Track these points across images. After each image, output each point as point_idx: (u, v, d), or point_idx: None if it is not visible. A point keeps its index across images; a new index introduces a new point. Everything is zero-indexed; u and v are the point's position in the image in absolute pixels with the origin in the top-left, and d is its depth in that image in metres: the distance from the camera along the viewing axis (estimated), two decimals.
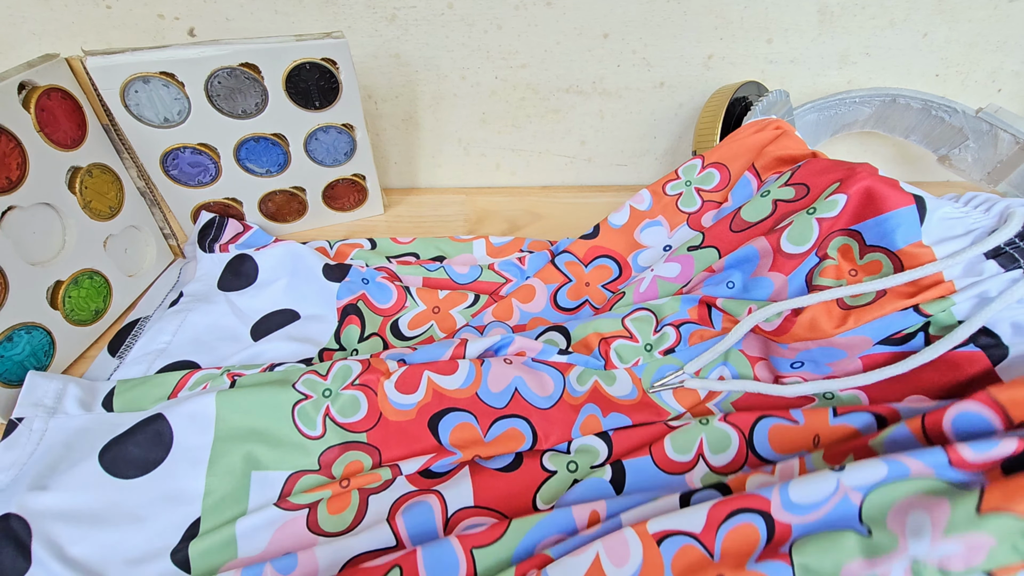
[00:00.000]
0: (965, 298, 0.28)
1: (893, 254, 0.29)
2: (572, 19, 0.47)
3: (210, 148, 0.42)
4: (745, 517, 0.23)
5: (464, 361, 0.32)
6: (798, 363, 0.32)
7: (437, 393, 0.31)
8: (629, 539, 0.23)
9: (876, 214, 0.30)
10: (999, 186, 0.47)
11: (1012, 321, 0.27)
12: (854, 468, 0.22)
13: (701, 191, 0.40)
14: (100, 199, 0.39)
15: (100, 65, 0.36)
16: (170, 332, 0.38)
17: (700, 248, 0.36)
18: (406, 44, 0.48)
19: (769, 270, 0.32)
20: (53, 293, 0.36)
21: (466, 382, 0.31)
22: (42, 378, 0.33)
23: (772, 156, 0.37)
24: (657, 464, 0.29)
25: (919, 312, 0.28)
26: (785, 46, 0.49)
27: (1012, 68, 0.51)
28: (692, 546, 0.22)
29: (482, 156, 0.56)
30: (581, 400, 0.32)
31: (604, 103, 0.52)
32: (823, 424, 0.28)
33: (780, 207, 0.33)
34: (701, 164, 0.41)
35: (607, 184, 0.59)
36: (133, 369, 0.36)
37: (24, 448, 0.30)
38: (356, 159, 0.47)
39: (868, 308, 0.29)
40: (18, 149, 0.33)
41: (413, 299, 0.40)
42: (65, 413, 0.32)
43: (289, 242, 0.44)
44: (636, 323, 0.35)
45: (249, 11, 0.45)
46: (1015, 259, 0.28)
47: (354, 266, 0.42)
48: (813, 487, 0.22)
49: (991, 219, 0.29)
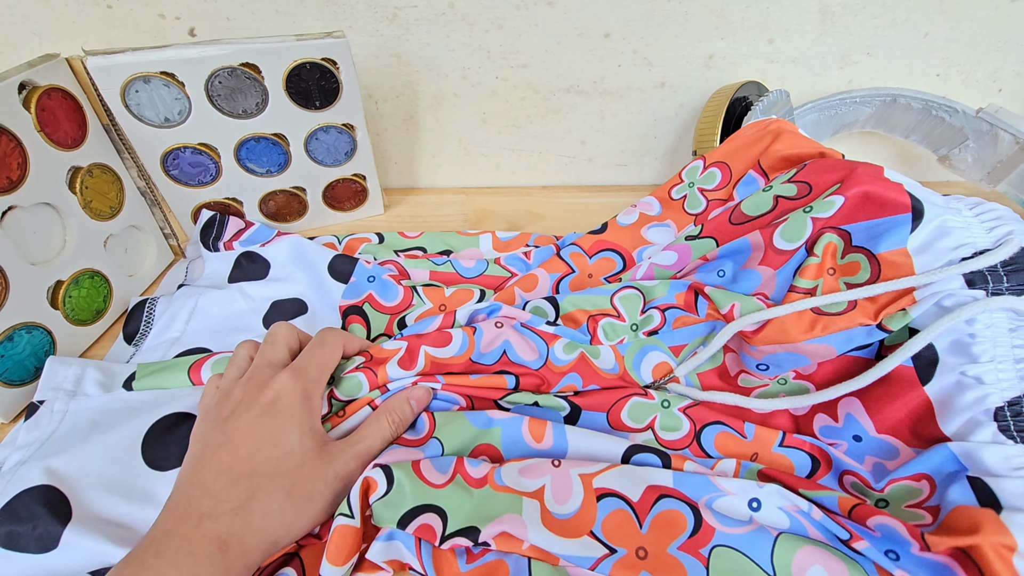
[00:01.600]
0: (922, 309, 0.27)
1: (874, 257, 0.29)
2: (573, 19, 0.47)
3: (210, 148, 0.42)
4: (678, 504, 0.25)
5: (457, 331, 0.33)
6: (763, 365, 0.32)
7: (435, 363, 0.32)
8: (574, 484, 0.26)
9: (870, 218, 0.29)
10: (999, 186, 0.47)
11: (954, 339, 0.27)
12: (766, 512, 0.25)
13: (704, 191, 0.40)
14: (100, 199, 0.39)
15: (100, 65, 0.36)
16: (183, 320, 0.39)
17: (698, 238, 0.37)
18: (407, 44, 0.47)
19: (759, 263, 0.33)
20: (53, 293, 0.36)
21: (460, 350, 0.32)
22: (61, 363, 0.34)
23: (779, 155, 0.37)
24: (610, 423, 0.32)
25: (882, 328, 0.28)
26: (786, 46, 0.49)
27: (1013, 68, 0.51)
28: (625, 512, 0.25)
29: (482, 156, 0.56)
30: (565, 368, 0.33)
31: (605, 103, 0.52)
32: (766, 448, 0.30)
33: (781, 203, 0.34)
34: (703, 165, 0.41)
35: (607, 184, 0.59)
36: (149, 356, 0.37)
37: (46, 428, 0.31)
38: (356, 159, 0.47)
39: (836, 318, 0.29)
40: (18, 149, 0.33)
41: (420, 297, 0.41)
42: (85, 395, 0.33)
43: (294, 236, 0.44)
44: (624, 301, 0.36)
45: (250, 11, 0.45)
46: (985, 280, 0.27)
47: (360, 261, 0.42)
48: (734, 510, 0.25)
49: (987, 239, 0.28)
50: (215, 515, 0.22)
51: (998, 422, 0.25)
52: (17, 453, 0.30)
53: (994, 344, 0.26)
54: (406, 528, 0.25)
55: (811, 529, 0.25)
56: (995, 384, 0.25)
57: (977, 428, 0.25)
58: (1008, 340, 0.26)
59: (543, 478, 0.26)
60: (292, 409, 0.26)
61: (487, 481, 0.26)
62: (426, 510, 0.25)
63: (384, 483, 0.25)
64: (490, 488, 0.26)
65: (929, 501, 0.25)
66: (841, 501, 0.26)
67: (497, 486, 0.26)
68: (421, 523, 0.25)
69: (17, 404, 0.34)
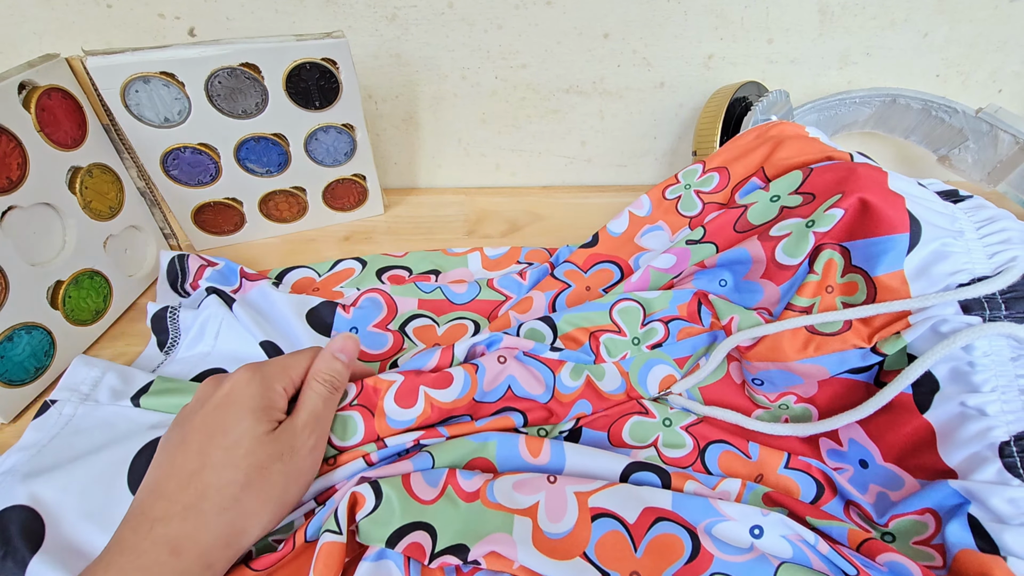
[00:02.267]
0: (916, 334, 0.27)
1: (871, 280, 0.28)
2: (573, 19, 0.47)
3: (210, 148, 0.42)
4: (676, 529, 0.25)
5: (458, 370, 0.31)
6: (758, 380, 0.32)
7: (436, 408, 0.30)
8: (569, 502, 0.25)
9: (868, 235, 0.29)
10: (999, 186, 0.47)
11: (952, 366, 0.27)
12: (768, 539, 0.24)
13: (701, 193, 0.40)
14: (100, 199, 0.39)
15: (100, 65, 0.36)
16: (212, 335, 0.37)
17: (699, 243, 0.36)
18: (406, 44, 0.48)
19: (761, 276, 0.32)
20: (53, 293, 0.36)
21: (463, 391, 0.30)
22: (85, 364, 0.34)
23: (784, 164, 0.36)
24: (611, 442, 0.31)
25: (876, 352, 0.28)
26: (786, 46, 0.49)
27: (1012, 68, 0.51)
28: (620, 534, 0.25)
29: (482, 156, 0.56)
30: (573, 396, 0.33)
31: (604, 103, 0.52)
32: (771, 470, 0.29)
33: (786, 214, 0.33)
34: (702, 169, 0.41)
35: (607, 184, 0.59)
36: (178, 368, 0.36)
37: (49, 431, 0.31)
38: (356, 159, 0.47)
39: (830, 339, 0.29)
40: (18, 149, 0.33)
41: (411, 340, 0.38)
42: (96, 401, 0.32)
43: (262, 286, 0.40)
44: (623, 315, 0.35)
45: (249, 11, 0.45)
46: (981, 307, 0.26)
47: (339, 313, 0.39)
48: (734, 536, 0.24)
49: (986, 266, 0.27)
50: (166, 518, 0.21)
51: (1003, 459, 0.24)
52: (16, 455, 0.30)
53: (995, 373, 0.25)
54: (395, 547, 0.24)
55: (815, 561, 0.24)
56: (999, 416, 0.25)
57: (981, 465, 0.24)
58: (1011, 369, 0.25)
59: (537, 495, 0.26)
60: (244, 398, 0.25)
61: (479, 496, 0.26)
62: (416, 528, 0.24)
63: (372, 499, 0.25)
64: (481, 504, 0.25)
65: (936, 539, 0.25)
66: (851, 534, 0.25)
67: (489, 503, 0.26)
68: (411, 541, 0.24)
69: (17, 404, 0.34)
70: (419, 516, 0.25)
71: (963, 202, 0.31)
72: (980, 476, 0.24)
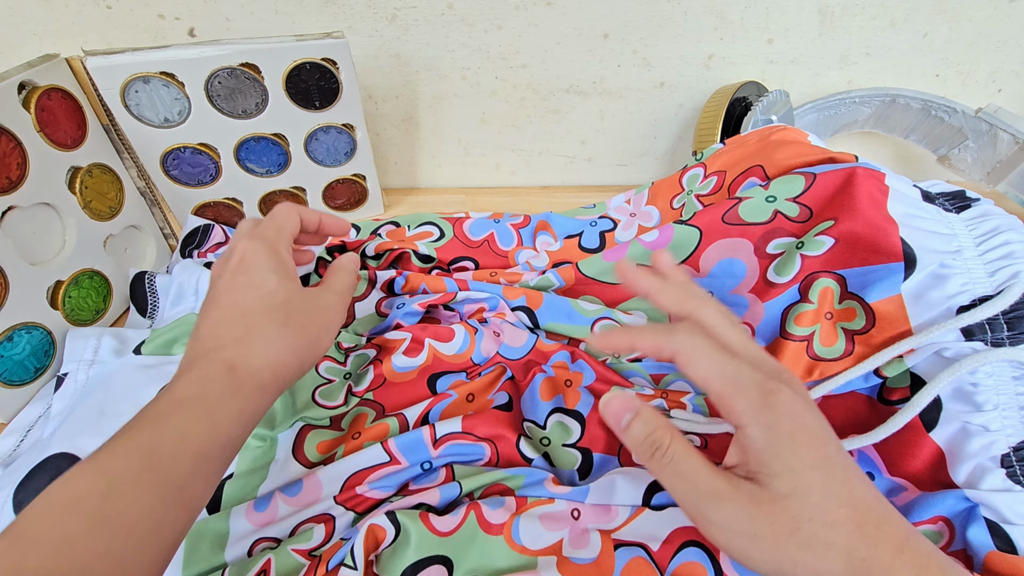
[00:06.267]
0: (918, 359, 0.27)
1: (867, 306, 0.28)
2: (572, 19, 0.47)
3: (210, 148, 0.42)
4: (699, 555, 0.25)
5: (459, 328, 0.35)
6: None
7: (437, 357, 0.34)
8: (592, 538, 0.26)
9: (862, 264, 0.29)
10: (999, 186, 0.47)
11: (956, 387, 0.27)
12: None
13: (700, 197, 0.40)
14: (100, 199, 0.39)
15: (100, 65, 0.36)
16: (191, 294, 0.40)
17: (684, 224, 0.35)
18: (406, 44, 0.48)
19: (749, 291, 0.32)
20: (53, 293, 0.36)
21: (462, 348, 0.35)
22: (79, 336, 0.36)
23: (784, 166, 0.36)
24: (622, 463, 0.31)
25: (877, 374, 0.28)
26: (785, 46, 0.49)
27: (1012, 68, 0.51)
28: (644, 559, 0.25)
29: (482, 156, 0.56)
30: (554, 347, 0.35)
31: (604, 103, 0.52)
32: None
33: (779, 220, 0.32)
34: (703, 173, 0.40)
35: (607, 184, 0.59)
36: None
37: (71, 398, 0.34)
38: (356, 159, 0.47)
39: (832, 364, 0.29)
40: (18, 149, 0.33)
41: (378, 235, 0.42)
42: (102, 362, 0.35)
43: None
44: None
45: (249, 11, 0.45)
46: (984, 331, 0.26)
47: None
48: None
49: (988, 284, 0.27)
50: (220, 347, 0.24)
51: (1005, 468, 0.24)
52: (52, 423, 0.32)
53: (997, 392, 0.26)
54: None
55: None
56: (1000, 431, 0.25)
57: (985, 475, 0.25)
58: (1012, 388, 0.26)
59: (561, 531, 0.26)
60: (260, 259, 0.27)
61: (503, 531, 0.26)
62: (432, 562, 0.24)
63: (392, 531, 0.25)
64: (504, 541, 0.25)
65: (952, 546, 0.25)
66: None
67: (515, 544, 0.25)
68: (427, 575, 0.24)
69: (17, 404, 0.34)
70: (436, 550, 0.25)
71: (968, 210, 0.30)
72: (986, 485, 0.25)
